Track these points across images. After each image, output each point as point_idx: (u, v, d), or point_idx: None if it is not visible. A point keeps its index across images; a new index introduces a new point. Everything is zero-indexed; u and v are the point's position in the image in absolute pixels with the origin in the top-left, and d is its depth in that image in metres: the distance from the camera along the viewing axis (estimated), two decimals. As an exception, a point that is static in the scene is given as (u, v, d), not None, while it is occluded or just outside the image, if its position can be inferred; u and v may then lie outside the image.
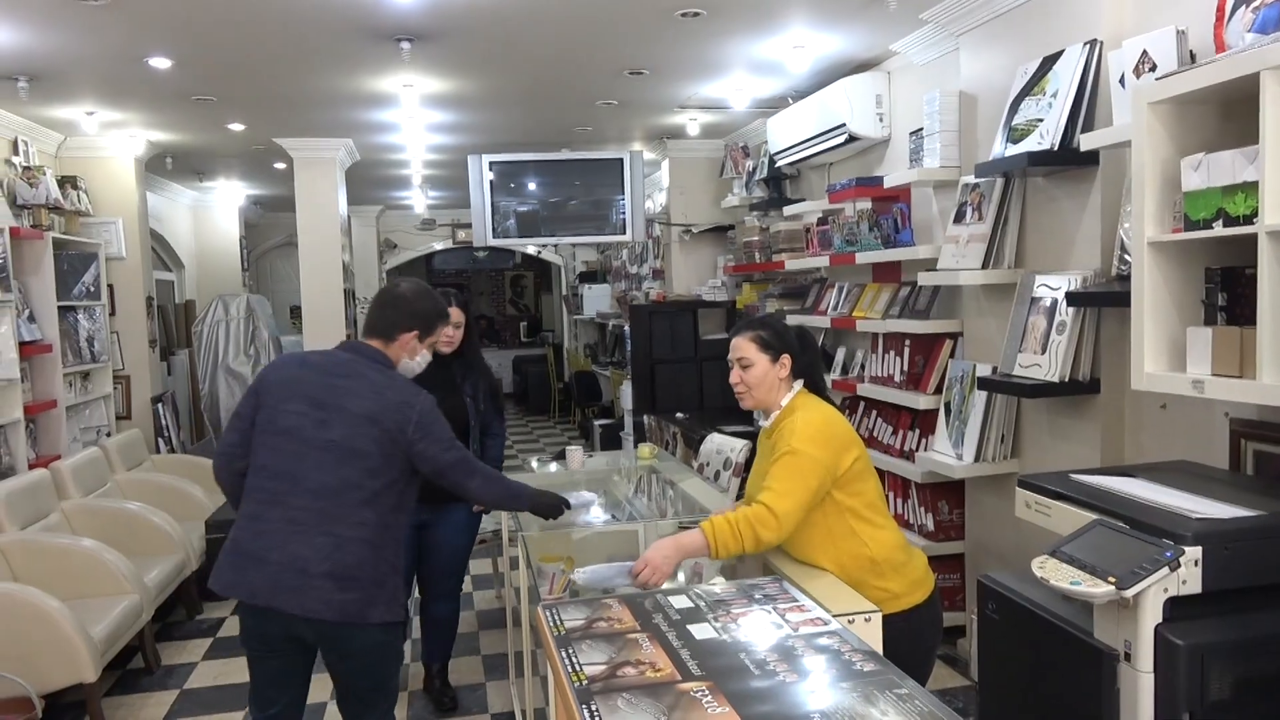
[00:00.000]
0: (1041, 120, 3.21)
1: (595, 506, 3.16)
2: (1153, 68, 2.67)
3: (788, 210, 5.62)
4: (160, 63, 4.43)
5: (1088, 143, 2.98)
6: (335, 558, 2.35)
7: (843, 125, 4.71)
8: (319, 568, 2.34)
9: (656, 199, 7.77)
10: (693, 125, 6.34)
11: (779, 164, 5.63)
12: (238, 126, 6.09)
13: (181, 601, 4.96)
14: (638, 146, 7.15)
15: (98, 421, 5.95)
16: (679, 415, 6.26)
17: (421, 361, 2.71)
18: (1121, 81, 2.84)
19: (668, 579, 2.23)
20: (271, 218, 10.87)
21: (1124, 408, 3.15)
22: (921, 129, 4.10)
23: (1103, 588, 1.97)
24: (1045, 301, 3.25)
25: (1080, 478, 2.44)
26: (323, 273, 6.80)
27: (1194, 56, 2.61)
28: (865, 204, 4.72)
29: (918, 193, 4.41)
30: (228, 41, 4.16)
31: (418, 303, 2.66)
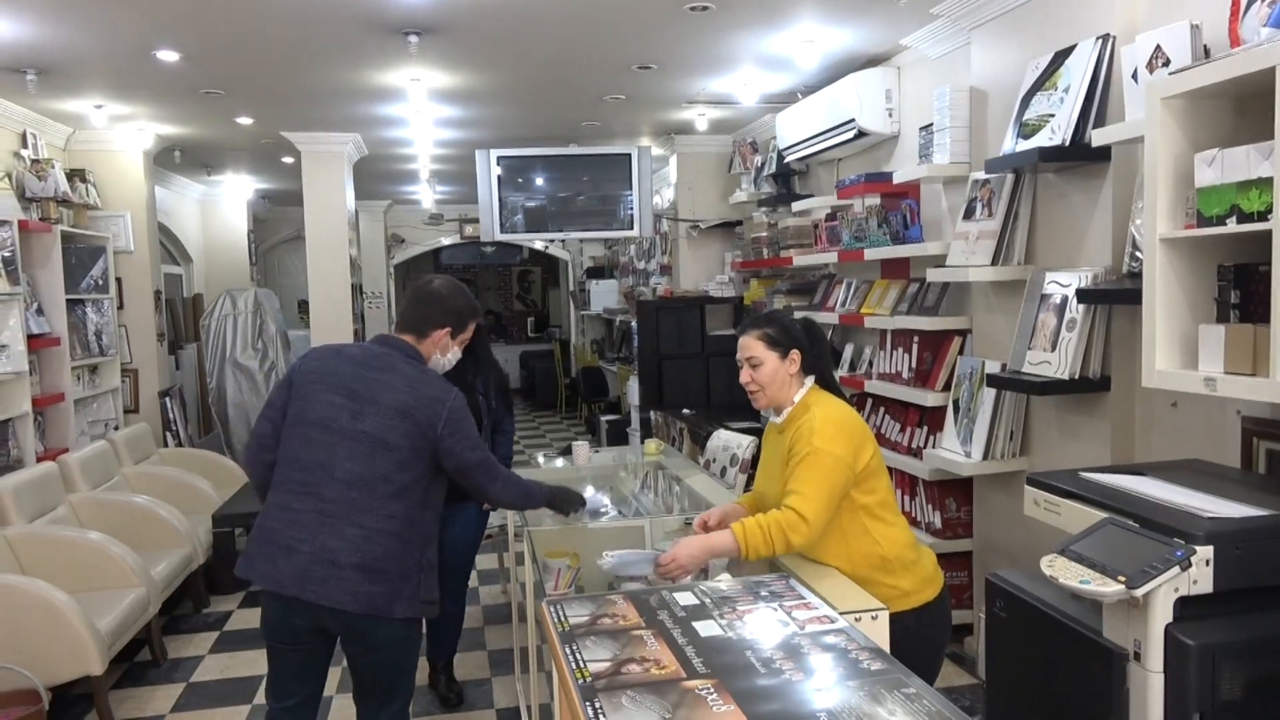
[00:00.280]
0: (1053, 115, 3.19)
1: (604, 503, 3.15)
2: (1166, 62, 2.64)
3: (796, 206, 5.59)
4: (168, 56, 4.43)
5: (1099, 138, 2.95)
6: (364, 549, 2.36)
7: (852, 121, 4.69)
8: (348, 559, 2.35)
9: (664, 194, 7.76)
10: (701, 121, 6.32)
11: (787, 160, 5.61)
12: (246, 120, 6.09)
13: (188, 595, 4.97)
14: (646, 142, 7.13)
15: (105, 415, 5.96)
16: (686, 411, 6.24)
17: (452, 359, 2.73)
18: (1134, 76, 2.81)
19: (689, 575, 2.23)
20: (279, 212, 10.89)
21: (1134, 406, 3.13)
22: (931, 124, 4.07)
23: (1112, 587, 1.95)
24: (1055, 298, 3.23)
25: (1090, 476, 2.43)
26: (330, 267, 6.81)
27: (1208, 51, 2.59)
28: (874, 200, 4.70)
29: (927, 189, 4.38)
30: (236, 35, 4.15)
31: (451, 300, 2.69)
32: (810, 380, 2.44)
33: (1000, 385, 3.46)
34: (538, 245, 12.97)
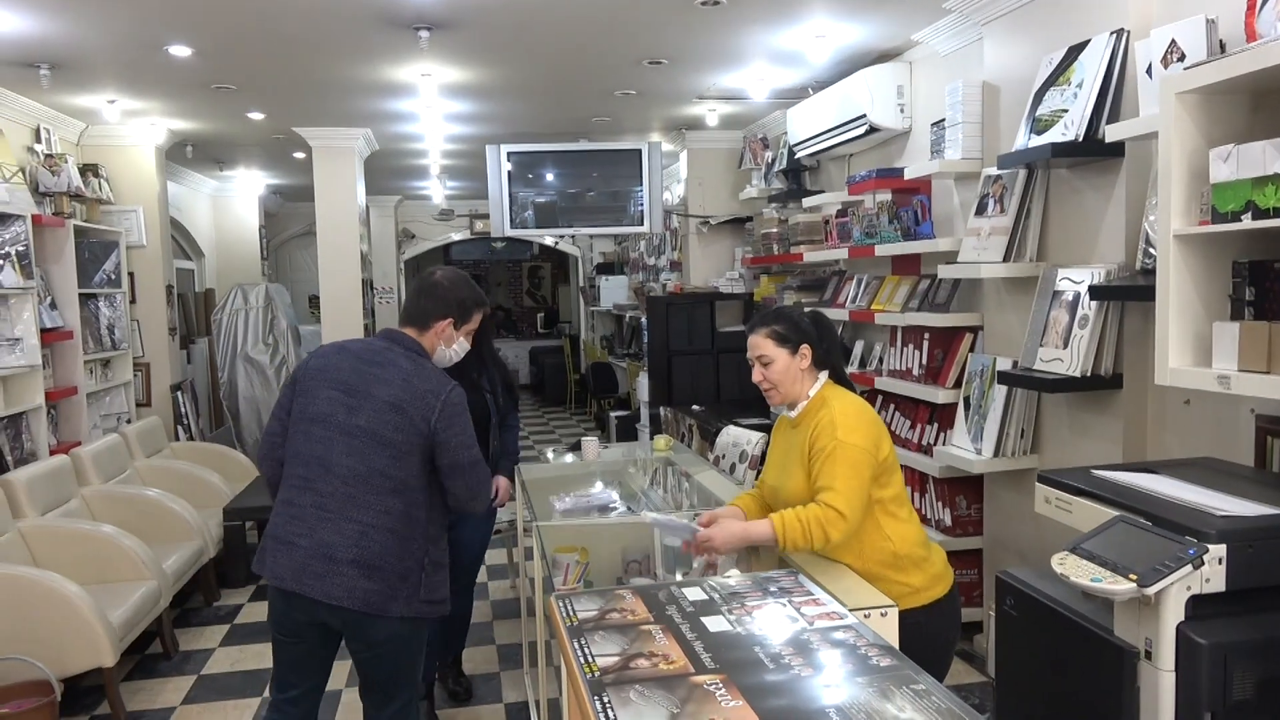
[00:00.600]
0: (1066, 111, 3.17)
1: (613, 497, 3.15)
2: (1181, 57, 2.62)
3: (807, 202, 5.58)
4: (180, 51, 4.44)
5: (1113, 134, 2.93)
6: (361, 545, 2.36)
7: (863, 116, 4.67)
8: (346, 555, 2.36)
9: (674, 190, 7.74)
10: (711, 116, 6.30)
11: (798, 155, 5.59)
12: (257, 115, 6.10)
13: (199, 588, 4.99)
14: (656, 137, 7.12)
15: (118, 408, 6.00)
16: (695, 407, 6.23)
17: (459, 350, 2.71)
18: (1149, 72, 2.79)
19: (720, 558, 2.30)
20: (290, 207, 10.92)
21: (1147, 403, 3.11)
22: (943, 120, 4.05)
23: (1124, 585, 1.94)
24: (1067, 295, 3.21)
25: (1102, 474, 2.41)
26: (341, 262, 6.82)
27: (1224, 46, 2.57)
28: (885, 196, 4.68)
29: (938, 185, 4.36)
30: (248, 30, 4.16)
31: (453, 290, 2.66)
32: (824, 375, 2.43)
33: (1012, 382, 3.44)
34: (548, 241, 12.97)
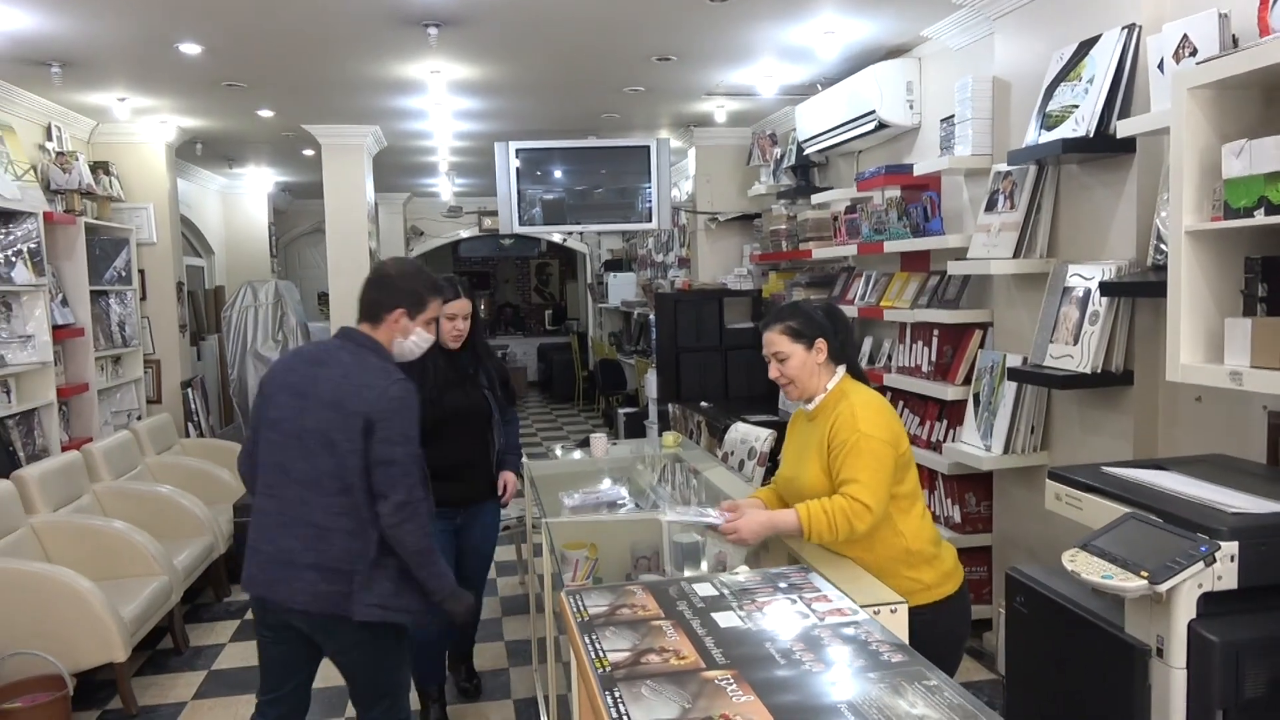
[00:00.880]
0: (1077, 106, 3.15)
1: (622, 494, 3.14)
2: (1193, 52, 2.61)
3: (815, 198, 5.57)
4: (191, 49, 4.46)
5: (1124, 129, 2.92)
6: (318, 549, 2.35)
7: (872, 112, 4.66)
8: (304, 559, 2.36)
9: (683, 187, 7.74)
10: (720, 113, 6.29)
11: (807, 152, 5.58)
12: (267, 113, 6.12)
13: (210, 583, 5.01)
14: (664, 134, 7.12)
15: (128, 405, 6.02)
16: (703, 404, 6.23)
17: (419, 341, 2.59)
18: (1160, 66, 2.78)
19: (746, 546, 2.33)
20: (300, 204, 10.94)
21: (1158, 400, 3.10)
22: (953, 116, 4.04)
23: (1135, 582, 1.93)
24: (1078, 291, 3.20)
25: (1112, 470, 2.40)
26: (350, 259, 6.83)
27: (1236, 41, 2.55)
28: (894, 192, 4.66)
29: (948, 181, 4.35)
30: (258, 27, 4.17)
31: (403, 280, 2.57)
32: (841, 369, 2.44)
33: (1021, 379, 3.43)
34: (556, 238, 12.98)
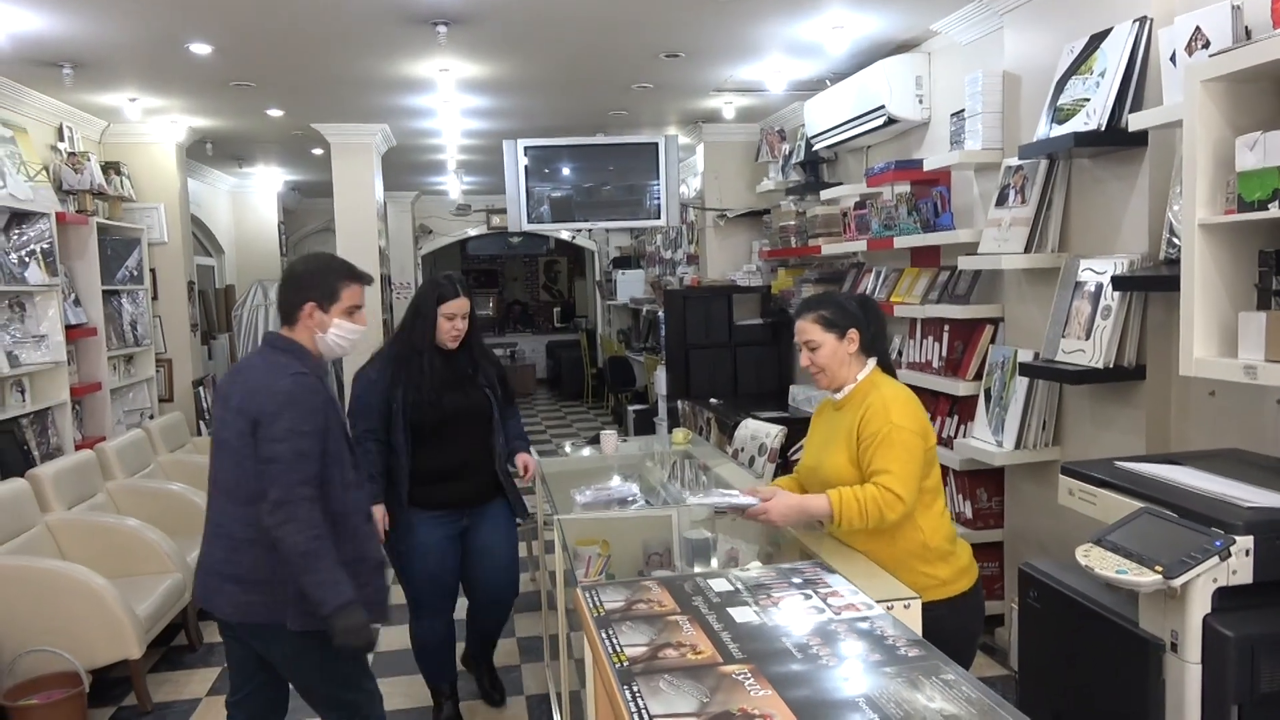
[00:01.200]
0: (1088, 100, 3.14)
1: (633, 490, 3.15)
2: (1206, 44, 2.60)
3: (824, 194, 5.56)
4: (201, 49, 4.47)
5: (1136, 123, 2.91)
6: (234, 560, 2.34)
7: (882, 107, 4.65)
8: (224, 570, 2.36)
9: (691, 184, 7.73)
10: (728, 109, 6.28)
11: (816, 147, 5.57)
12: (276, 112, 6.14)
13: (223, 581, 5.03)
14: (673, 131, 7.11)
15: (141, 404, 6.05)
16: (713, 401, 6.23)
17: (346, 334, 2.46)
18: (1173, 59, 2.77)
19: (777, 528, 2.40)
20: (309, 203, 10.97)
21: (1170, 395, 3.09)
22: (963, 110, 4.03)
23: (1149, 577, 1.93)
24: (1089, 286, 3.19)
25: (1126, 465, 2.40)
26: (359, 258, 6.69)
27: (1249, 33, 2.54)
28: (904, 187, 4.66)
29: (958, 176, 4.34)
30: (267, 27, 4.19)
31: (308, 274, 2.47)
32: (872, 362, 2.45)
33: (1033, 374, 3.42)
34: (564, 235, 12.98)
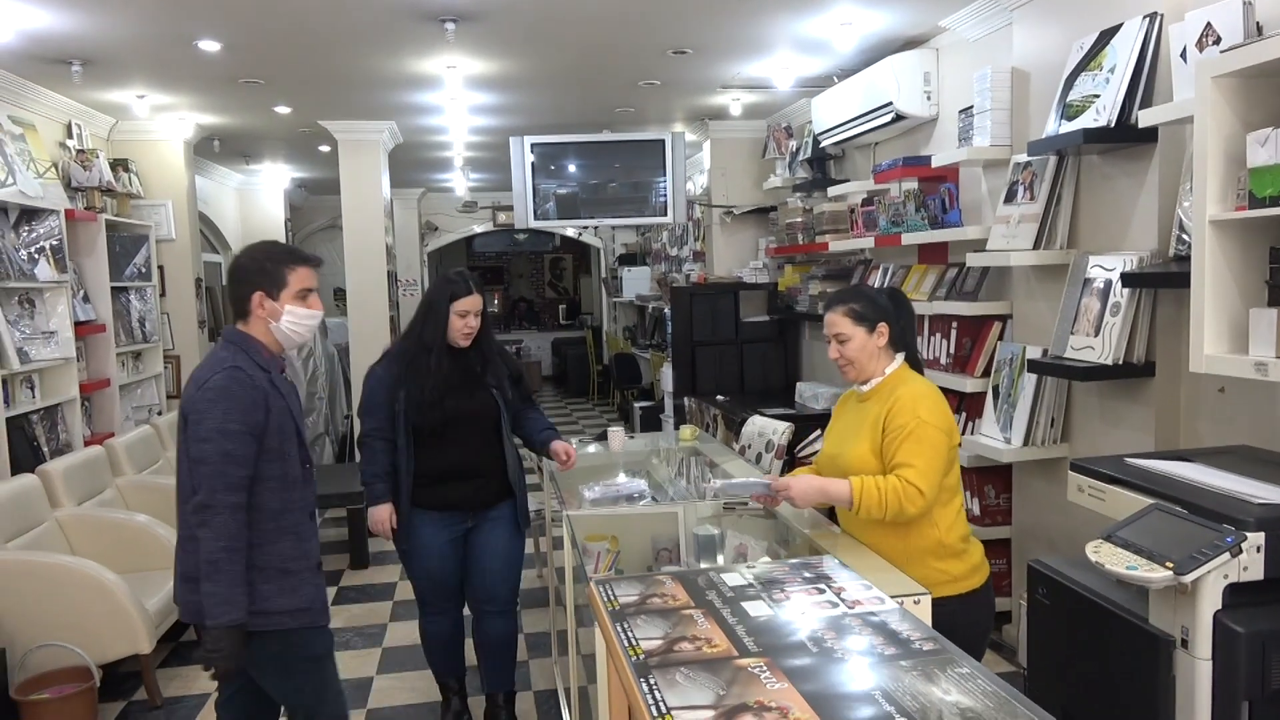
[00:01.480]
0: (1098, 96, 3.14)
1: (642, 486, 3.15)
2: (1217, 40, 2.60)
3: (832, 191, 5.56)
4: (209, 46, 4.48)
5: (1146, 119, 2.90)
6: (185, 561, 2.34)
7: (889, 104, 4.64)
8: (184, 571, 2.35)
9: (697, 180, 7.73)
10: (735, 106, 6.28)
11: (823, 144, 5.57)
12: (284, 109, 6.15)
13: (231, 576, 5.05)
14: (679, 128, 7.11)
15: (149, 400, 6.07)
16: (720, 398, 6.24)
17: (297, 320, 2.39)
18: (1183, 55, 2.76)
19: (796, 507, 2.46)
20: (316, 200, 10.99)
21: (1180, 391, 3.09)
22: (971, 107, 4.03)
23: (1160, 573, 1.93)
24: (1099, 283, 3.19)
25: (1136, 462, 2.40)
26: (366, 255, 6.87)
27: (1260, 29, 2.54)
28: (912, 184, 4.65)
29: (966, 172, 4.34)
30: (276, 24, 4.19)
31: (251, 263, 2.39)
32: (900, 357, 2.46)
33: (1042, 371, 3.42)
34: (570, 232, 12.99)
